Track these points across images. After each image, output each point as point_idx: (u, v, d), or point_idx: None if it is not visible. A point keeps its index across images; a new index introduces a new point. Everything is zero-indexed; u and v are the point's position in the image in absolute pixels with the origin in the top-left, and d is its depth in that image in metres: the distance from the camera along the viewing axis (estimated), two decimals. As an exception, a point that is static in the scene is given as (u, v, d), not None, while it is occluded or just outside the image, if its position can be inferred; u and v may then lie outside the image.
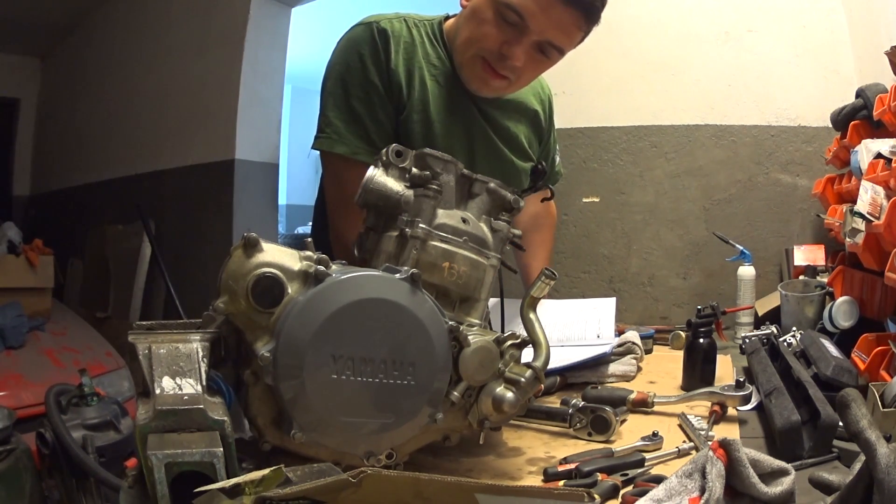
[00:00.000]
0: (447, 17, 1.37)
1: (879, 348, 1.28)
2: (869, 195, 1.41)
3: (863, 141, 1.64)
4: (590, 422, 1.10)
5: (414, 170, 0.99)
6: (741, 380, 1.20)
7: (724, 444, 0.74)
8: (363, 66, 1.27)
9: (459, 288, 0.97)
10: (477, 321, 0.99)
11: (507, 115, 1.45)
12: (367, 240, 1.02)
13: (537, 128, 1.54)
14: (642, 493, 0.78)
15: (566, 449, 1.06)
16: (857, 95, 1.86)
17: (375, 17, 1.31)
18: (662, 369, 1.54)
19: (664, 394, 1.27)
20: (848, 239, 1.51)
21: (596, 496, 0.75)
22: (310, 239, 0.90)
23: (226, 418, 0.74)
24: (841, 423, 0.82)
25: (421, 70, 1.31)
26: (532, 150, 1.53)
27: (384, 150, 1.00)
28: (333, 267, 0.86)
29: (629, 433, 1.12)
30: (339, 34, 1.39)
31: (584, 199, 2.61)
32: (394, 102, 1.29)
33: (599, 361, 1.46)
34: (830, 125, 2.09)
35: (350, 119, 1.29)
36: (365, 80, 1.27)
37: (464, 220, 0.99)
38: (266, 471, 0.62)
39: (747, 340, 1.57)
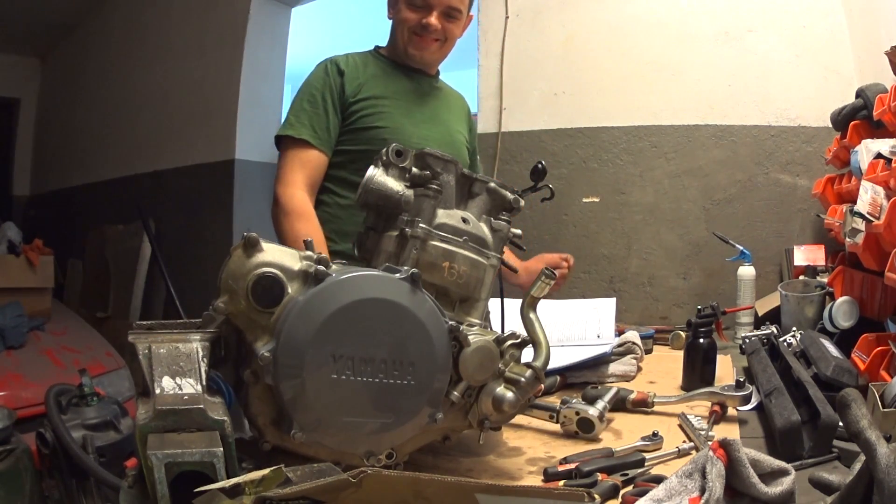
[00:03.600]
0: (377, 47, 1.76)
1: (879, 348, 1.28)
2: (869, 195, 1.41)
3: (863, 141, 1.64)
4: (576, 422, 1.11)
5: (414, 169, 0.99)
6: (741, 380, 1.20)
7: (725, 444, 0.74)
8: (325, 78, 1.63)
9: (459, 288, 0.97)
10: (477, 321, 0.99)
11: (442, 93, 1.78)
12: (367, 239, 1.02)
13: (466, 118, 1.87)
14: (642, 493, 0.78)
15: (566, 449, 1.06)
16: (857, 95, 1.86)
17: (330, 58, 1.70)
18: (662, 369, 1.54)
19: (664, 394, 1.27)
20: (848, 239, 1.51)
21: (596, 496, 0.75)
22: (310, 239, 0.90)
23: (226, 418, 0.74)
24: (841, 424, 0.82)
25: (367, 75, 1.65)
26: (464, 128, 1.81)
27: (384, 150, 1.00)
28: (333, 267, 0.86)
29: (629, 433, 1.12)
30: (338, 34, 1.48)
31: (584, 199, 2.61)
32: (346, 104, 1.61)
33: (599, 361, 1.46)
34: (830, 125, 2.09)
35: (301, 112, 1.61)
36: (323, 86, 1.62)
37: (464, 220, 0.99)
38: (266, 471, 0.62)
39: (747, 340, 1.57)
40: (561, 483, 0.93)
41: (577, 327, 1.61)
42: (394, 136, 1.53)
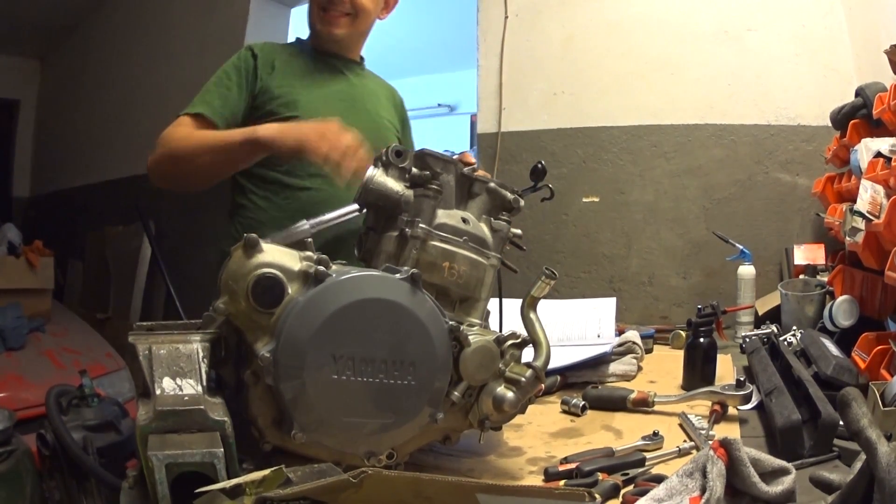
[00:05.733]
0: (298, 39, 1.69)
1: (880, 347, 1.28)
2: (869, 194, 1.41)
3: (862, 140, 1.64)
4: None
5: (414, 170, 0.99)
6: (741, 379, 1.20)
7: (725, 444, 0.74)
8: (236, 61, 1.55)
9: (459, 288, 0.97)
10: (477, 321, 0.99)
11: (365, 80, 1.69)
12: (367, 240, 1.02)
13: (396, 107, 1.76)
14: (643, 493, 0.78)
15: (567, 448, 1.06)
16: (857, 94, 1.86)
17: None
18: (663, 369, 1.54)
19: (664, 393, 1.27)
20: (848, 238, 1.51)
21: (597, 496, 0.75)
22: (310, 239, 0.90)
23: (226, 419, 0.74)
24: (841, 422, 0.82)
25: (282, 60, 1.56)
26: (391, 116, 1.71)
27: (384, 150, 1.00)
28: (333, 267, 0.86)
29: (629, 433, 1.12)
30: None
31: (584, 199, 2.61)
32: (257, 87, 1.52)
33: (600, 361, 1.46)
34: (830, 124, 2.09)
35: (204, 93, 1.53)
36: (231, 67, 1.54)
37: (464, 220, 1.00)
38: (266, 471, 0.62)
39: (747, 340, 1.57)
40: (561, 483, 0.93)
41: (577, 327, 1.61)
42: None
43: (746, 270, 1.94)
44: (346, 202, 1.39)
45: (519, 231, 1.08)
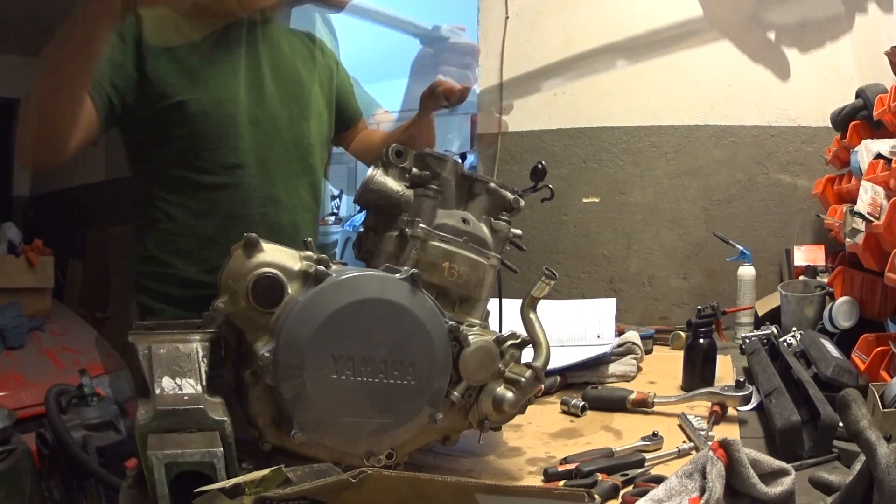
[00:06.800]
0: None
1: (879, 348, 1.28)
2: (869, 195, 1.41)
3: (863, 141, 1.64)
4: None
5: (414, 170, 0.99)
6: (741, 380, 1.20)
7: (725, 445, 0.74)
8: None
9: (459, 288, 0.97)
10: (477, 321, 0.99)
11: (281, 38, 1.47)
12: (367, 240, 1.02)
13: (322, 53, 1.55)
14: (642, 494, 0.78)
15: (566, 449, 1.06)
16: (857, 95, 1.86)
17: None
18: (662, 369, 1.54)
19: (664, 394, 1.27)
20: (848, 239, 1.51)
21: (596, 496, 0.75)
22: (310, 239, 0.90)
23: (226, 418, 0.74)
24: (841, 424, 0.82)
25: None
26: (321, 68, 1.50)
27: (384, 150, 1.00)
28: (333, 267, 0.86)
29: (629, 433, 1.12)
30: (338, 33, 1.52)
31: (584, 199, 2.60)
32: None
33: (599, 361, 1.46)
34: (830, 125, 2.09)
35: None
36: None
37: (464, 220, 1.00)
38: (266, 471, 0.62)
39: (747, 340, 1.57)
40: (561, 483, 0.93)
41: (577, 327, 1.61)
42: (216, 108, 1.25)
43: (746, 271, 1.94)
44: (273, 197, 1.28)
45: (519, 231, 1.07)
